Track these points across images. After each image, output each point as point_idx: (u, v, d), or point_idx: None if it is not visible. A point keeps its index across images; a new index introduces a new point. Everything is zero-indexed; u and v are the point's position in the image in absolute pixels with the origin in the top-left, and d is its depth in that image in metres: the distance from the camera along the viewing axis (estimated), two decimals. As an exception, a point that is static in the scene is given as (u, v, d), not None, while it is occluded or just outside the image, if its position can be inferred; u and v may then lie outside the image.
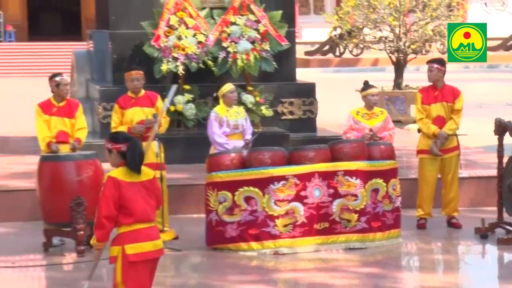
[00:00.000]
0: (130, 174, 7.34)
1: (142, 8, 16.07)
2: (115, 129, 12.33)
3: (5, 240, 12.89)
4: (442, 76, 13.37)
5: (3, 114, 24.16)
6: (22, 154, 15.90)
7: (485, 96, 28.83)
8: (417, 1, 26.88)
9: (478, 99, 24.69)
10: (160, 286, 11.01)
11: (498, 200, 12.75)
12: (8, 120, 21.68)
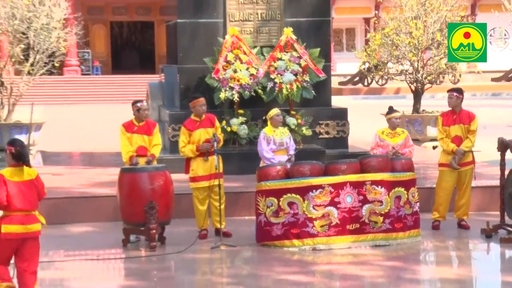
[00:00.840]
0: (15, 174, 8.52)
1: (205, 47, 16.06)
2: (184, 148, 12.50)
3: (91, 237, 12.90)
4: (460, 102, 13.23)
5: (91, 134, 24.22)
6: (106, 167, 15.92)
7: (489, 119, 28.59)
8: (432, 40, 26.69)
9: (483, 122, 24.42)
10: (218, 275, 11.02)
11: (501, 205, 12.62)
12: (95, 139, 21.73)
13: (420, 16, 26.68)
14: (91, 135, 23.78)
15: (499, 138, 12.81)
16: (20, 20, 23.53)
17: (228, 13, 16.17)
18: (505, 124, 27.38)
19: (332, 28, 15.69)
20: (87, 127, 27.90)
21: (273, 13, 16.26)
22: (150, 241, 11.77)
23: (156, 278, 10.75)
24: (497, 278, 11.19)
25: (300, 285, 10.31)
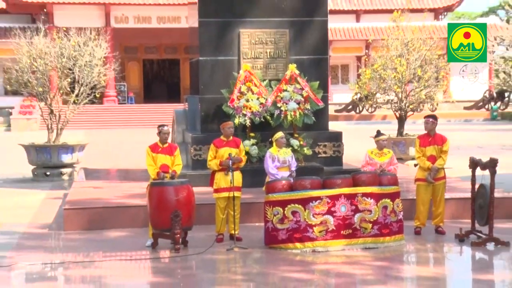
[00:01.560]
0: None
1: (222, 80, 16.09)
2: (211, 161, 12.65)
3: (125, 240, 12.90)
4: (434, 127, 13.23)
5: (125, 154, 24.23)
6: (138, 181, 15.92)
7: (462, 141, 28.53)
8: (414, 75, 26.66)
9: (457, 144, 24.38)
10: (232, 273, 11.03)
11: (472, 215, 12.60)
12: (129, 158, 21.76)
13: (404, 54, 26.67)
14: (125, 155, 23.79)
15: (470, 157, 12.82)
16: (67, 58, 23.65)
17: (242, 52, 16.23)
18: (475, 145, 27.31)
19: (329, 65, 15.69)
20: (123, 147, 27.90)
21: (279, 52, 16.30)
22: (175, 244, 11.76)
23: (179, 276, 10.79)
24: (469, 276, 11.21)
25: (302, 282, 10.28)
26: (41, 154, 22.42)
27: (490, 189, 12.34)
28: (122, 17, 51.57)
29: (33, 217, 15.52)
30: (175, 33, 49.70)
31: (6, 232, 13.98)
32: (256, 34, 16.28)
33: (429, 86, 26.94)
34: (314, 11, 16.66)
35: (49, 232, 13.96)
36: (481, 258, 11.95)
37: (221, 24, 16.34)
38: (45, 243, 13.02)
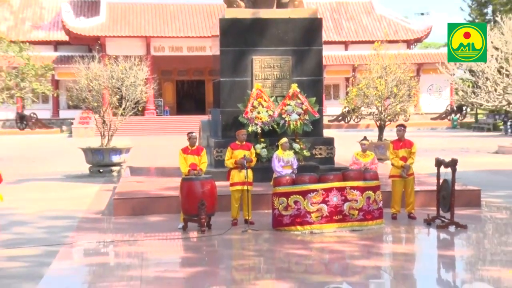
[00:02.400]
0: None
1: (238, 96, 16.07)
2: (227, 161, 12.76)
3: (162, 224, 12.91)
4: (404, 133, 13.23)
5: (162, 155, 24.24)
6: (172, 177, 15.91)
7: (429, 145, 28.45)
8: (391, 93, 26.56)
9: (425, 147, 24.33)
10: (246, 250, 11.00)
11: (437, 203, 12.57)
12: (165, 158, 21.77)
13: (383, 76, 26.60)
14: (162, 156, 23.81)
15: (436, 158, 12.78)
16: (116, 80, 23.71)
17: (254, 74, 16.19)
18: (440, 148, 27.24)
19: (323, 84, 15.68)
20: (160, 150, 27.91)
21: (284, 74, 16.26)
22: (201, 227, 11.78)
23: (205, 252, 10.82)
24: (434, 252, 11.19)
25: (302, 257, 10.27)
26: (96, 156, 22.54)
27: (452, 183, 12.30)
28: (160, 47, 51.64)
29: (89, 205, 15.58)
30: (201, 60, 49.78)
31: (68, 216, 14.04)
32: (266, 60, 16.26)
33: (403, 101, 26.90)
34: (311, 42, 16.65)
35: (102, 217, 14.01)
36: (445, 238, 11.92)
37: (238, 52, 16.35)
38: (98, 226, 13.07)
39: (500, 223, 13.28)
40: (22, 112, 49.10)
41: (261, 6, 17.03)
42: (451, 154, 14.15)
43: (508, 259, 10.14)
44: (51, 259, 10.20)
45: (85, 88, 23.73)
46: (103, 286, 8.93)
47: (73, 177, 21.58)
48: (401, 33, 55.28)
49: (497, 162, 25.05)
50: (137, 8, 52.91)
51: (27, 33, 50.65)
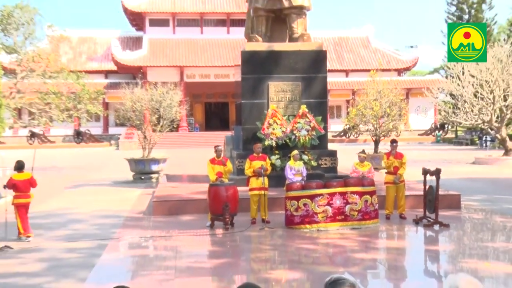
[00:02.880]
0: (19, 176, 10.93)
1: (256, 116, 16.07)
2: (247, 170, 12.81)
3: (192, 222, 12.87)
4: (396, 147, 13.17)
5: (193, 164, 24.27)
6: (201, 183, 15.90)
7: (417, 157, 28.23)
8: (384, 113, 26.48)
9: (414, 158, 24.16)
10: (263, 244, 10.98)
11: (424, 206, 12.50)
12: (195, 167, 21.79)
13: (378, 99, 26.58)
14: (193, 165, 23.83)
15: (423, 167, 12.75)
16: (155, 102, 23.86)
17: (270, 97, 16.18)
18: (426, 159, 27.02)
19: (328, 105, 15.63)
20: (191, 160, 27.96)
21: (295, 97, 16.23)
22: (225, 225, 11.77)
23: (228, 246, 10.86)
24: (422, 247, 11.20)
25: (310, 250, 10.25)
26: (138, 165, 22.65)
27: (436, 189, 12.24)
28: (191, 75, 51.89)
29: (132, 206, 15.62)
30: (225, 85, 49.86)
31: (115, 216, 14.09)
32: (279, 85, 16.25)
33: (394, 120, 26.88)
34: (318, 70, 16.64)
35: (143, 216, 14.03)
36: (430, 235, 11.81)
37: (256, 79, 16.36)
38: (140, 224, 13.09)
39: (477, 222, 13.17)
40: (79, 129, 49.61)
41: (276, 41, 17.11)
42: (435, 164, 14.01)
43: (484, 253, 10.11)
44: (101, 251, 10.27)
45: (130, 109, 23.89)
46: (144, 274, 8.96)
47: (119, 183, 21.67)
48: (393, 63, 55.08)
49: (474, 171, 24.93)
50: (173, 42, 53.28)
51: (83, 64, 51.00)
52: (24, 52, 30.65)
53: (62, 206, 16.11)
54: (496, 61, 28.73)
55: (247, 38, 17.57)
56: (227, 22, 54.82)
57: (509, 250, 10.51)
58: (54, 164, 30.57)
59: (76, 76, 31.82)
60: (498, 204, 15.54)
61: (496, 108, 29.07)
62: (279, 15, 17.22)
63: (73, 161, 33.56)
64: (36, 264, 9.57)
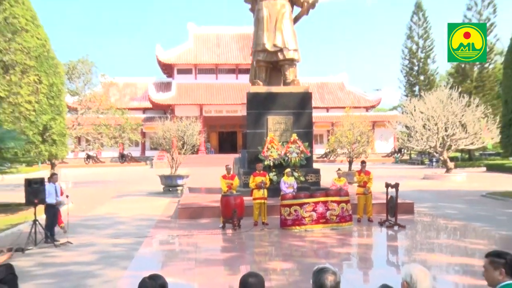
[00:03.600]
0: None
1: (258, 142, 16.07)
2: (251, 184, 12.73)
3: (208, 224, 12.80)
4: (365, 166, 13.16)
5: (209, 179, 24.20)
6: (215, 194, 15.85)
7: (381, 173, 28.16)
8: (356, 139, 26.51)
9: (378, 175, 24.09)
10: (263, 241, 10.85)
11: (386, 211, 12.44)
12: (211, 182, 21.77)
13: (351, 129, 26.62)
14: (209, 180, 23.77)
15: (385, 182, 12.68)
16: (180, 131, 23.90)
17: (268, 127, 16.18)
18: (388, 176, 26.93)
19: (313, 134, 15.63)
20: (208, 176, 27.87)
21: (288, 127, 16.21)
22: (234, 226, 11.72)
23: (236, 242, 10.69)
24: (385, 243, 11.04)
25: (299, 246, 10.13)
26: (167, 180, 22.58)
27: (395, 198, 12.20)
28: (208, 110, 51.99)
29: (162, 212, 15.57)
30: (234, 118, 50.03)
31: (149, 219, 14.03)
32: (276, 118, 16.28)
33: (363, 145, 26.87)
34: (305, 107, 16.65)
35: (170, 219, 13.97)
36: (391, 234, 11.70)
37: (258, 113, 16.40)
38: (168, 225, 13.03)
39: (426, 224, 13.07)
40: (123, 152, 49.57)
41: (273, 85, 17.22)
42: (395, 179, 13.97)
43: (431, 247, 10.04)
44: (139, 246, 10.23)
45: (161, 137, 23.95)
46: (171, 264, 8.92)
47: (152, 194, 21.63)
48: (362, 102, 55.27)
49: (424, 185, 24.81)
50: (195, 86, 53.58)
51: (127, 103, 51.25)
52: (83, 94, 31.17)
53: (109, 211, 16.07)
54: (438, 101, 29.07)
55: (251, 82, 17.68)
56: (236, 70, 55.16)
57: (450, 245, 10.44)
58: (104, 179, 30.57)
59: (121, 112, 32.22)
60: (441, 210, 15.50)
61: (439, 136, 29.18)
62: (275, 66, 17.38)
63: (118, 177, 33.50)
64: (89, 255, 9.54)
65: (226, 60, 54.73)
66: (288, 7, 17.09)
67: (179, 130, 24.38)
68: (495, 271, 3.38)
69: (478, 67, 46.22)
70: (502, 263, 3.36)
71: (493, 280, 3.40)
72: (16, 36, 14.25)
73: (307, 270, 7.84)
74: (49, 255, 9.69)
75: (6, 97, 13.94)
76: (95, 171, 40.49)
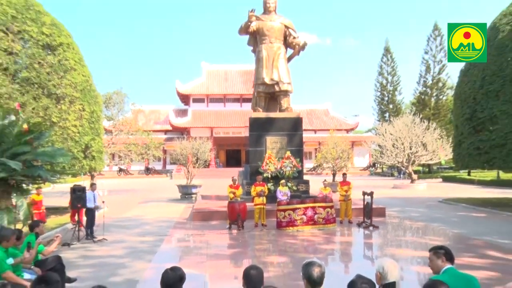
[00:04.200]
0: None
1: (258, 157, 16.03)
2: (252, 192, 12.52)
3: (217, 225, 12.70)
4: (346, 177, 13.18)
5: (218, 189, 24.12)
6: (223, 200, 15.80)
7: (359, 184, 28.05)
8: (338, 156, 26.46)
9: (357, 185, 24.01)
10: (262, 239, 10.73)
11: (363, 215, 12.35)
12: (219, 190, 21.69)
13: (334, 147, 26.61)
14: (218, 189, 23.68)
15: (362, 191, 12.66)
16: (195, 149, 23.94)
17: (267, 146, 16.16)
18: (364, 186, 26.84)
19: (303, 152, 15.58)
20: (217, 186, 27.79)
21: (282, 146, 16.18)
22: (238, 227, 11.63)
23: (240, 240, 10.59)
24: (362, 240, 10.90)
25: (292, 243, 10.04)
26: (184, 188, 22.46)
27: (371, 204, 12.17)
28: (217, 132, 51.99)
29: (180, 215, 15.50)
30: (239, 139, 49.98)
31: (169, 220, 13.96)
32: (273, 139, 16.27)
33: (344, 161, 26.85)
34: (296, 130, 16.64)
35: (186, 221, 13.90)
36: (367, 233, 11.61)
37: (258, 135, 16.39)
38: (184, 226, 12.97)
39: (395, 225, 12.99)
40: (147, 166, 49.59)
41: (270, 111, 17.27)
42: (370, 188, 13.93)
43: (399, 244, 9.98)
44: (161, 243, 10.19)
45: (179, 153, 24.01)
46: (187, 257, 8.85)
47: (172, 200, 21.55)
48: (343, 125, 55.31)
49: (393, 193, 24.71)
50: (207, 113, 53.72)
51: (151, 126, 51.27)
52: (117, 119, 31.44)
53: (136, 214, 16.01)
54: (404, 125, 29.34)
55: (253, 109, 17.75)
56: (240, 100, 55.39)
57: (414, 241, 10.39)
58: (132, 188, 30.47)
59: (147, 134, 32.44)
60: (407, 213, 15.43)
61: (405, 153, 29.22)
62: (272, 96, 17.46)
63: (143, 187, 33.38)
64: (121, 250, 9.51)
65: (232, 91, 55.07)
66: (283, 49, 17.28)
67: (194, 148, 24.44)
68: (438, 259, 3.64)
69: (435, 98, 47.39)
70: (442, 253, 3.64)
71: (437, 267, 3.64)
72: (67, 74, 15.02)
73: (298, 263, 7.79)
74: (89, 249, 9.69)
75: (58, 122, 14.64)
76: (125, 181, 40.40)
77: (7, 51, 13.80)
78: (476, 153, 17.07)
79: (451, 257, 3.66)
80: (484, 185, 30.79)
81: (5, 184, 8.61)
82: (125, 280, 7.16)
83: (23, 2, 14.52)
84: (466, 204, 18.04)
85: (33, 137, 9.45)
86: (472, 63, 17.34)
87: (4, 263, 4.83)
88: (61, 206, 16.92)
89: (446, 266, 3.62)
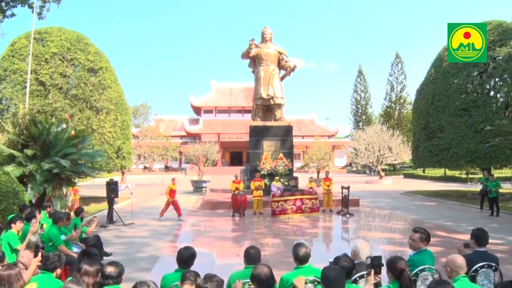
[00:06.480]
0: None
1: (257, 158, 15.96)
2: (252, 186, 12.32)
3: (223, 213, 12.69)
4: (328, 175, 13.20)
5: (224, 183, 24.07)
6: (228, 193, 15.75)
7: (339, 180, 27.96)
8: (322, 157, 26.44)
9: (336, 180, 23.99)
10: (259, 225, 10.66)
11: (341, 204, 12.35)
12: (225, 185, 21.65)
13: (318, 150, 26.51)
14: (224, 184, 23.62)
15: (341, 185, 12.65)
16: (205, 151, 23.87)
17: (264, 149, 16.14)
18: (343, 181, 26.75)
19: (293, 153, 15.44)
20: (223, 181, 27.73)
21: (276, 149, 16.11)
22: (240, 215, 11.60)
23: (241, 225, 10.55)
24: (340, 225, 10.85)
25: (284, 228, 9.99)
26: (196, 183, 22.40)
27: (348, 196, 12.16)
28: (223, 137, 51.87)
29: (193, 204, 15.46)
30: (241, 143, 49.81)
31: (184, 209, 13.69)
32: (268, 143, 16.23)
33: (326, 161, 26.85)
34: (288, 135, 16.61)
35: (198, 210, 13.86)
36: (344, 219, 11.59)
37: (256, 140, 16.35)
38: (197, 213, 12.93)
39: (367, 213, 12.97)
40: (167, 164, 49.53)
41: (267, 120, 17.21)
42: (347, 183, 13.89)
43: (370, 228, 9.99)
44: (177, 227, 10.18)
45: (192, 154, 23.98)
46: (198, 239, 8.84)
47: (186, 192, 21.48)
48: (326, 132, 55.07)
49: (366, 187, 24.69)
50: (215, 122, 53.66)
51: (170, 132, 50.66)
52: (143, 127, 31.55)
53: (158, 203, 15.92)
54: (374, 132, 29.62)
55: (252, 119, 17.71)
56: (242, 111, 55.31)
57: (381, 226, 10.38)
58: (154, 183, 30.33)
59: (166, 139, 32.44)
60: (377, 204, 15.42)
61: (375, 155, 29.38)
62: (269, 108, 17.41)
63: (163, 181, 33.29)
64: (145, 232, 9.51)
65: (236, 104, 55.08)
66: (277, 70, 17.34)
67: (204, 150, 24.40)
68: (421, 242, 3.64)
69: (398, 112, 48.71)
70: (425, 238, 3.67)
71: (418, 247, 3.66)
72: (105, 91, 15.93)
73: (289, 244, 7.81)
74: (121, 230, 9.72)
75: (97, 129, 15.51)
76: (149, 177, 40.18)
77: (62, 74, 15.19)
78: (429, 155, 17.71)
79: (428, 239, 3.73)
80: (435, 180, 31.12)
81: (58, 177, 9.01)
82: (149, 255, 7.16)
83: (75, 36, 16.00)
84: (421, 195, 18.32)
85: (78, 141, 9.88)
86: (426, 83, 18.13)
87: (59, 238, 5.22)
88: (99, 196, 17.15)
89: (424, 247, 3.67)
